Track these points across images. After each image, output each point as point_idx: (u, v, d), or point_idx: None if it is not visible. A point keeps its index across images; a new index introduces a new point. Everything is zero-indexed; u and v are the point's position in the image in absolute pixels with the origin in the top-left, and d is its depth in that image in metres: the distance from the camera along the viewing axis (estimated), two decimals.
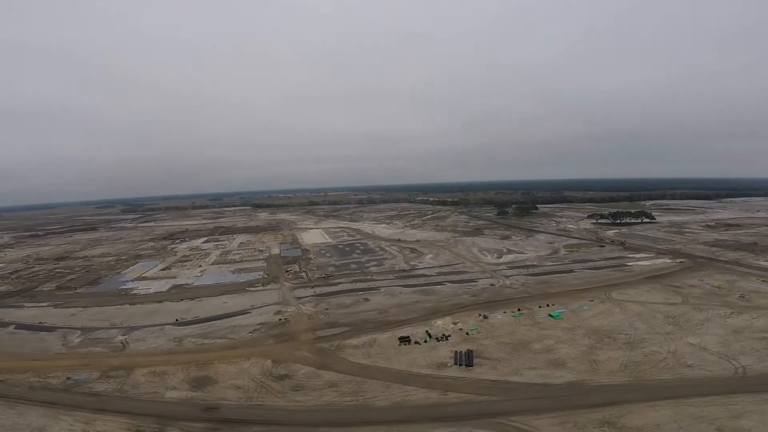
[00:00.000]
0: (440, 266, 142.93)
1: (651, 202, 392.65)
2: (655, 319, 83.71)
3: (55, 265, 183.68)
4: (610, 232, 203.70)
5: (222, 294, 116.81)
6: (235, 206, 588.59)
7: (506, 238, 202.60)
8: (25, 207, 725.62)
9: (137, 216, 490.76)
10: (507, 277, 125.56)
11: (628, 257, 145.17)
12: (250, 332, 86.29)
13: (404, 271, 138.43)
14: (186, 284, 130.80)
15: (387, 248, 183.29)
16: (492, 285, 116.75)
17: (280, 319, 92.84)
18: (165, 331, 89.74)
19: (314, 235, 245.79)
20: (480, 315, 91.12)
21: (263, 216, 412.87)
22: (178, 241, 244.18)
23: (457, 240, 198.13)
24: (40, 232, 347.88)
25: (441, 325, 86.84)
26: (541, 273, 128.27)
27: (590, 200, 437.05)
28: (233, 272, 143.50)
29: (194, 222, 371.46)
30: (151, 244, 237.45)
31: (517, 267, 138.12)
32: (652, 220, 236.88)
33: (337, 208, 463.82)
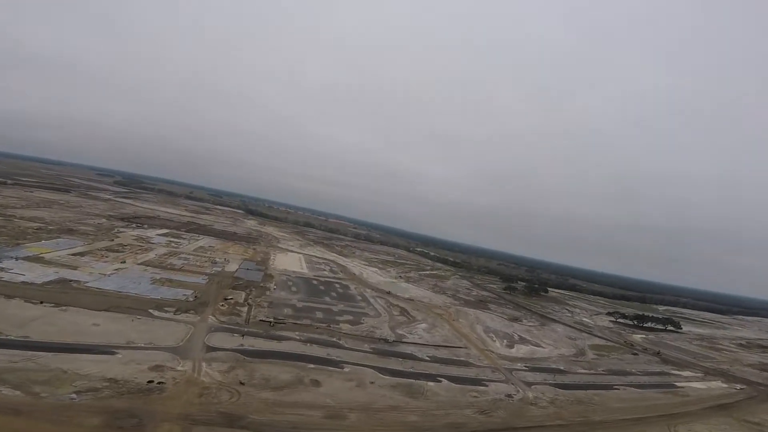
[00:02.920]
0: (435, 345, 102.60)
1: (663, 308, 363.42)
2: None
3: None
4: (637, 337, 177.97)
5: (106, 309, 77.14)
6: (229, 207, 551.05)
7: (516, 320, 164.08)
8: (26, 157, 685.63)
9: (125, 190, 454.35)
10: (528, 384, 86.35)
11: (674, 374, 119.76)
12: (76, 392, 47.20)
13: (386, 341, 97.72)
14: (78, 281, 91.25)
15: (371, 300, 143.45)
16: (509, 396, 77.33)
17: (150, 382, 53.44)
18: None
19: (291, 259, 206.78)
20: None
21: (250, 224, 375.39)
22: (133, 225, 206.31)
23: (459, 310, 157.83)
24: (8, 182, 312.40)
25: None
26: (574, 385, 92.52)
27: (600, 294, 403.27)
28: (154, 282, 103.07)
29: (173, 211, 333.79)
30: (102, 221, 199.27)
31: (540, 370, 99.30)
32: (678, 329, 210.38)
33: (331, 237, 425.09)
